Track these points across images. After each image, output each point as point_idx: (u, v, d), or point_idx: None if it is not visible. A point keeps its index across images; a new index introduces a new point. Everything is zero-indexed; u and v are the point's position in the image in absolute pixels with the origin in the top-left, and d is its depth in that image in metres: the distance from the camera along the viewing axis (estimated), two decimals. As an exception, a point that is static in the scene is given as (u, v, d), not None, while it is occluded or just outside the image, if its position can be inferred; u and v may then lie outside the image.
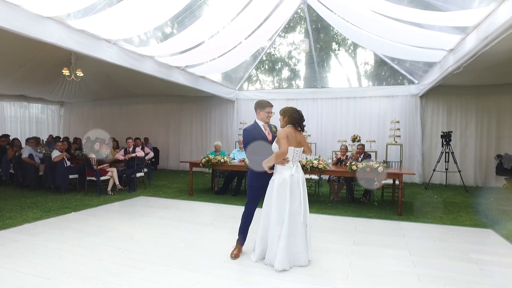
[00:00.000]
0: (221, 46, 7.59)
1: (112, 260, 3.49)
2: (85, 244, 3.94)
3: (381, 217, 5.50)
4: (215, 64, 8.48)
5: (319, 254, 3.75)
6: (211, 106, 11.55)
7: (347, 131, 9.50)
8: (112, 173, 7.15)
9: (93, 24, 5.27)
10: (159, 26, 6.46)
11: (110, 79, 9.97)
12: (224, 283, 3.03)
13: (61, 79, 9.64)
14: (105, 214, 5.51)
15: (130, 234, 4.38)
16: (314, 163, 6.20)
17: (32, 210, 5.55)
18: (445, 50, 6.26)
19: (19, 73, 9.20)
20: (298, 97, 10.42)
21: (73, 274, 3.13)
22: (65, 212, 5.50)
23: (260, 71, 11.81)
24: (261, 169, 3.37)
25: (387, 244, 4.14)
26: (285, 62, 11.42)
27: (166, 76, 7.59)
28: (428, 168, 8.85)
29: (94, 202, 6.26)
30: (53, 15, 4.73)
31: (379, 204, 6.51)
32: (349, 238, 4.38)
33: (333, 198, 6.98)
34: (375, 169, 5.79)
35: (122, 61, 6.23)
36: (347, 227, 4.91)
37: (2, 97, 11.39)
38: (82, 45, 5.33)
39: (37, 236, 4.23)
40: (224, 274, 3.21)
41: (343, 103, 9.86)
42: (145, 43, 6.78)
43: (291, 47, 10.90)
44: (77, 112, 13.40)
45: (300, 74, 11.25)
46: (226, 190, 7.54)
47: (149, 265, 3.38)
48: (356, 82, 10.87)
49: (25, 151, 7.39)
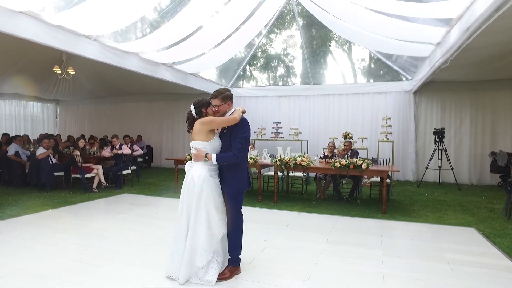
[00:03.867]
0: (208, 41, 7.48)
1: (74, 257, 3.43)
2: (51, 242, 3.89)
3: (364, 216, 5.37)
4: (203, 60, 8.39)
5: (286, 253, 3.65)
6: (204, 103, 11.45)
7: (339, 128, 9.35)
8: (98, 171, 7.12)
9: (70, 19, 5.20)
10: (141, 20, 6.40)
11: (102, 77, 9.96)
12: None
13: (55, 77, 9.64)
14: (83, 211, 5.47)
15: (100, 232, 4.32)
16: (297, 160, 6.09)
17: (11, 207, 5.53)
18: (433, 44, 6.10)
19: (12, 70, 9.24)
20: (290, 93, 10.30)
21: (27, 272, 3.06)
22: (44, 209, 5.47)
23: (253, 68, 11.69)
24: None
25: (361, 243, 4.01)
26: (278, 58, 11.30)
27: (152, 73, 7.53)
28: (422, 166, 8.66)
29: (76, 200, 6.23)
30: (26, 9, 4.67)
31: (367, 202, 6.37)
32: (323, 236, 4.26)
33: (319, 196, 6.85)
34: (359, 166, 5.65)
35: (104, 58, 6.17)
36: (325, 225, 4.80)
37: (-3, 95, 11.46)
38: (59, 41, 5.26)
39: (6, 233, 4.19)
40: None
41: (335, 100, 9.70)
42: (127, 39, 6.71)
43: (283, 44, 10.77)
44: (72, 110, 13.44)
45: (293, 71, 11.12)
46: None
47: (109, 263, 3.31)
48: (349, 78, 10.67)
49: (11, 148, 7.39)
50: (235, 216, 3.01)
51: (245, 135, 2.92)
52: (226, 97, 2.94)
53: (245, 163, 3.06)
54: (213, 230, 2.91)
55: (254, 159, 6.52)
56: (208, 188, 2.86)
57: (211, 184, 2.89)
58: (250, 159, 6.50)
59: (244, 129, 2.92)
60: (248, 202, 6.23)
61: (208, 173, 2.88)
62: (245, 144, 2.92)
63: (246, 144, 2.94)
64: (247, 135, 2.95)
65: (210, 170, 2.91)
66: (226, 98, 2.94)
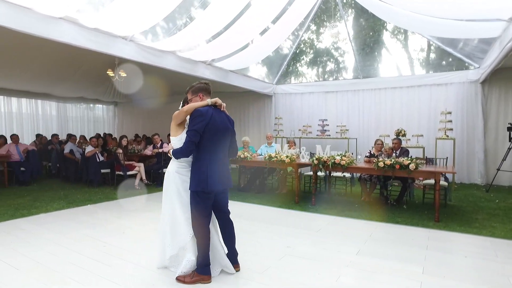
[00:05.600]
0: (245, 35, 7.26)
1: (89, 253, 3.43)
2: (76, 236, 3.98)
3: (411, 223, 4.66)
4: (242, 56, 8.19)
5: (307, 263, 3.23)
6: (249, 101, 11.33)
7: (392, 125, 8.47)
8: (139, 168, 7.34)
9: (105, 22, 5.37)
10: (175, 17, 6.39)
11: (152, 78, 10.35)
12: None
13: (111, 80, 10.29)
14: (117, 207, 5.60)
15: (124, 229, 4.34)
16: (337, 159, 5.56)
17: (59, 201, 5.90)
18: (504, 20, 5.09)
19: (75, 76, 10.08)
20: (338, 89, 9.64)
21: (42, 266, 3.12)
22: (85, 204, 5.74)
23: (299, 64, 11.23)
24: None
25: (399, 257, 3.42)
26: (324, 53, 10.68)
27: (190, 71, 7.52)
28: (493, 167, 7.43)
29: (117, 196, 6.46)
30: (64, 15, 4.90)
31: (419, 207, 5.59)
32: (356, 246, 3.74)
33: (364, 199, 6.21)
34: (406, 167, 4.94)
35: (140, 58, 6.28)
36: (362, 233, 4.24)
37: (66, 99, 12.64)
38: (96, 43, 5.44)
39: (42, 226, 4.42)
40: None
41: (387, 94, 8.80)
42: (163, 37, 6.77)
43: (328, 37, 10.12)
44: (128, 111, 14.29)
45: (340, 65, 10.42)
46: (250, 188, 7.24)
47: (119, 262, 3.23)
48: (405, 70, 9.65)
49: (67, 147, 8.01)
50: (194, 218, 2.74)
51: (195, 127, 2.65)
52: (196, 89, 2.84)
53: (209, 160, 2.71)
54: (178, 227, 2.81)
55: (291, 158, 6.14)
56: (172, 184, 2.82)
57: (177, 180, 2.81)
58: (287, 158, 6.14)
59: (194, 122, 2.67)
60: (284, 204, 5.90)
61: (176, 169, 2.83)
62: (194, 137, 2.64)
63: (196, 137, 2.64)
64: (198, 127, 2.65)
65: (179, 167, 2.84)
66: (197, 90, 2.84)
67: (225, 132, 2.82)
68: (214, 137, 2.73)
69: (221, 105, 2.86)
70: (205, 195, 2.72)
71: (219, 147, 2.78)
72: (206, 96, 2.87)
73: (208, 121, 2.68)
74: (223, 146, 2.83)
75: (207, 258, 2.78)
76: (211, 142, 2.72)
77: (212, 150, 2.73)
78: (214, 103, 2.82)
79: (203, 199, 2.72)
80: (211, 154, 2.73)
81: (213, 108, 2.80)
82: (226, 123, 2.83)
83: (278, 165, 6.33)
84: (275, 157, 6.30)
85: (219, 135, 2.76)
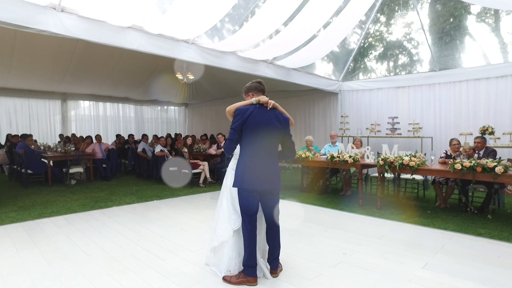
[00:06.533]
0: (306, 31, 7.03)
1: (147, 247, 3.63)
2: (139, 230, 4.25)
3: (499, 237, 3.96)
4: (304, 53, 7.96)
5: (362, 274, 2.94)
6: (314, 99, 11.02)
7: (476, 121, 7.41)
8: (204, 167, 7.62)
9: (168, 27, 5.67)
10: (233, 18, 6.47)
11: (218, 79, 10.72)
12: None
13: (181, 83, 10.96)
14: (180, 204, 5.87)
15: (183, 225, 4.50)
16: (405, 160, 5.04)
17: (131, 196, 6.42)
18: None
19: (148, 81, 10.98)
20: (410, 83, 8.77)
21: (105, 253, 3.40)
22: (152, 199, 6.15)
23: (367, 58, 10.54)
24: None
25: (474, 275, 2.91)
26: (395, 45, 9.83)
27: (251, 71, 7.53)
28: None
29: (182, 193, 6.79)
30: (132, 24, 5.30)
31: (509, 218, 4.77)
32: (423, 258, 3.30)
33: (438, 205, 5.54)
34: (491, 169, 4.24)
35: (202, 60, 6.48)
36: (432, 243, 3.74)
37: (142, 102, 13.85)
38: (161, 48, 5.77)
39: (112, 218, 4.83)
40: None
41: (470, 86, 7.71)
42: (223, 38, 6.91)
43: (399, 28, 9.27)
44: (197, 112, 15.04)
45: (414, 58, 9.49)
46: (313, 188, 7.00)
47: (172, 257, 3.35)
48: (494, 57, 8.35)
49: (140, 146, 8.71)
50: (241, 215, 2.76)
51: (233, 125, 2.69)
52: (247, 89, 2.89)
53: (247, 158, 2.69)
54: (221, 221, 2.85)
55: (354, 158, 5.76)
56: (225, 179, 2.96)
57: (230, 176, 2.90)
58: (350, 158, 5.78)
59: (233, 120, 2.71)
60: (347, 207, 5.57)
61: (232, 165, 2.93)
62: (232, 135, 2.69)
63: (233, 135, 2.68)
64: (235, 126, 2.68)
65: (234, 163, 2.88)
66: (247, 90, 2.89)
67: (268, 130, 2.69)
68: (253, 135, 2.67)
69: (267, 103, 2.74)
70: (246, 193, 2.68)
71: (260, 145, 2.68)
72: (257, 95, 2.82)
73: (245, 119, 2.64)
74: (266, 145, 2.70)
75: (251, 259, 2.70)
76: (250, 140, 2.68)
77: (252, 148, 2.68)
78: (258, 101, 2.73)
79: (245, 197, 2.69)
80: (250, 152, 2.69)
81: (257, 106, 2.73)
82: (270, 121, 2.70)
83: (340, 166, 5.99)
84: (337, 157, 5.98)
85: (259, 133, 2.66)
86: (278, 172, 2.80)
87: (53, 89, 11.05)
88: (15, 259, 3.28)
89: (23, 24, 4.31)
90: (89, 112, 12.48)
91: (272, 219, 2.81)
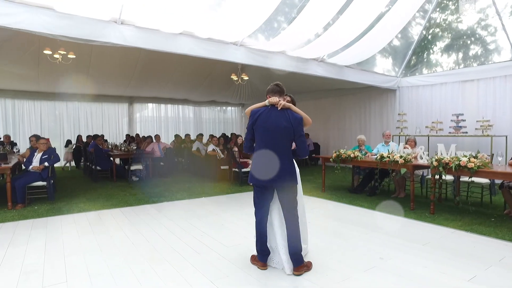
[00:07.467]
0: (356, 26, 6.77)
1: (188, 241, 3.86)
2: (183, 225, 4.52)
3: None
4: (356, 49, 7.66)
5: (397, 282, 2.78)
6: (370, 97, 10.57)
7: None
8: (252, 166, 7.78)
9: (217, 31, 5.92)
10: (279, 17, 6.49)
11: (272, 79, 10.84)
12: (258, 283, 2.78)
13: (236, 84, 11.34)
14: (227, 202, 6.08)
15: (224, 222, 4.69)
16: (462, 161, 4.59)
17: (182, 193, 6.83)
18: None
19: (205, 83, 11.56)
20: (479, 76, 7.91)
21: (149, 245, 3.70)
22: (200, 196, 6.48)
23: (428, 51, 9.72)
24: None
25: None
26: (465, 34, 8.89)
27: (302, 70, 7.49)
28: None
29: (230, 191, 7.03)
30: (182, 30, 5.66)
31: None
32: (473, 270, 2.98)
33: (507, 212, 4.94)
34: None
35: (250, 61, 6.63)
36: (488, 254, 3.37)
37: (200, 103, 14.59)
38: (210, 51, 6.07)
39: (162, 213, 5.21)
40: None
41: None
42: (271, 38, 6.96)
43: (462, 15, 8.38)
44: (252, 112, 15.32)
45: (486, 47, 8.48)
46: (363, 189, 6.73)
47: (208, 251, 3.52)
48: None
49: (194, 145, 9.20)
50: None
51: (247, 126, 3.01)
52: (266, 92, 3.05)
53: (257, 155, 2.94)
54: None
55: (405, 159, 5.41)
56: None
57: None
58: (400, 158, 5.45)
59: (248, 120, 2.99)
60: (396, 210, 5.28)
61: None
62: (246, 135, 3.01)
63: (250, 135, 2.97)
64: (248, 126, 3.00)
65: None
66: (267, 92, 3.04)
67: (275, 130, 2.85)
68: (262, 134, 2.90)
69: (277, 104, 2.90)
70: (256, 188, 2.99)
71: (268, 144, 2.87)
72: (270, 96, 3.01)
73: (255, 120, 2.91)
74: (273, 143, 2.85)
75: (259, 246, 3.03)
76: (259, 138, 2.93)
77: (261, 146, 2.90)
78: (271, 103, 2.93)
79: (255, 191, 3.03)
80: (260, 150, 2.91)
81: (269, 107, 2.93)
82: (278, 122, 2.85)
83: (390, 166, 5.67)
84: (387, 157, 5.68)
85: (267, 132, 2.87)
86: (288, 169, 2.88)
87: (121, 93, 12.26)
88: (76, 243, 3.78)
89: (90, 38, 4.91)
90: (152, 114, 13.57)
91: (287, 216, 2.94)
